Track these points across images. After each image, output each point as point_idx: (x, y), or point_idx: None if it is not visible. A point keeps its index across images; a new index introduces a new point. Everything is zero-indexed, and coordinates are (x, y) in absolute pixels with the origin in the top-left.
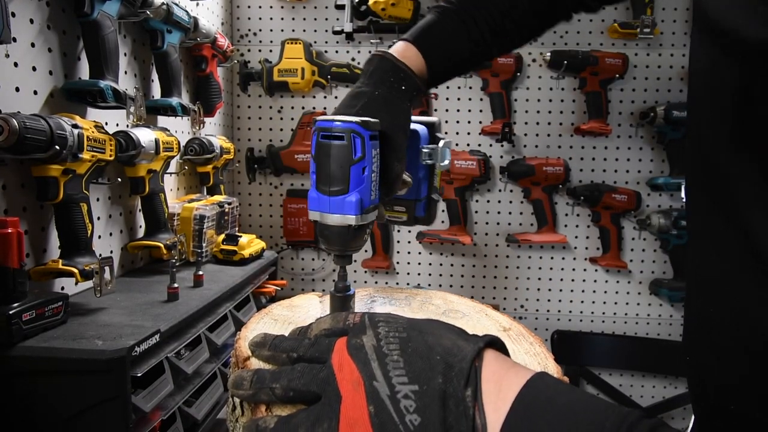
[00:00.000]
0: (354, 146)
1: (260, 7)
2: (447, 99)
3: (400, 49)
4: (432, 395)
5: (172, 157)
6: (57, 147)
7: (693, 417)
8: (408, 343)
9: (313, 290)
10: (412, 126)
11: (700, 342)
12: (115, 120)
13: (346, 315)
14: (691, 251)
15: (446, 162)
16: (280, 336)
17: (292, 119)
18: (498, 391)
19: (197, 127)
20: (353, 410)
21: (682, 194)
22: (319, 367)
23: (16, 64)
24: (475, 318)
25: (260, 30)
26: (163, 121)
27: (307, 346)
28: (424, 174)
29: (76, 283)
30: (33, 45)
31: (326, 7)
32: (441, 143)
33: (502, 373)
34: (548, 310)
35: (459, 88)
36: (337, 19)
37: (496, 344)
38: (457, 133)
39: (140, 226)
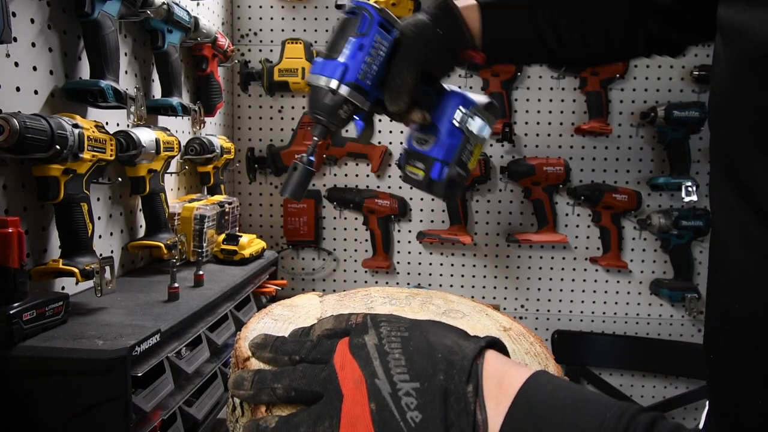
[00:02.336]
0: (361, 22)
1: (261, 7)
2: None
3: (465, 2)
4: (433, 392)
5: (173, 156)
6: (58, 147)
7: (704, 415)
8: (410, 342)
9: (314, 290)
10: (463, 91)
11: (723, 340)
12: (115, 120)
13: (348, 315)
14: (718, 248)
15: (479, 131)
16: (281, 337)
17: (293, 119)
18: (499, 387)
19: (198, 127)
20: (355, 408)
21: (683, 194)
22: (321, 366)
23: (16, 64)
24: (475, 318)
25: (261, 30)
26: (163, 120)
27: (309, 348)
28: (450, 133)
29: (77, 283)
30: (33, 45)
31: (326, 7)
32: (476, 116)
33: (504, 371)
34: (548, 310)
35: (459, 88)
36: (338, 19)
37: (497, 346)
38: None
39: (141, 226)
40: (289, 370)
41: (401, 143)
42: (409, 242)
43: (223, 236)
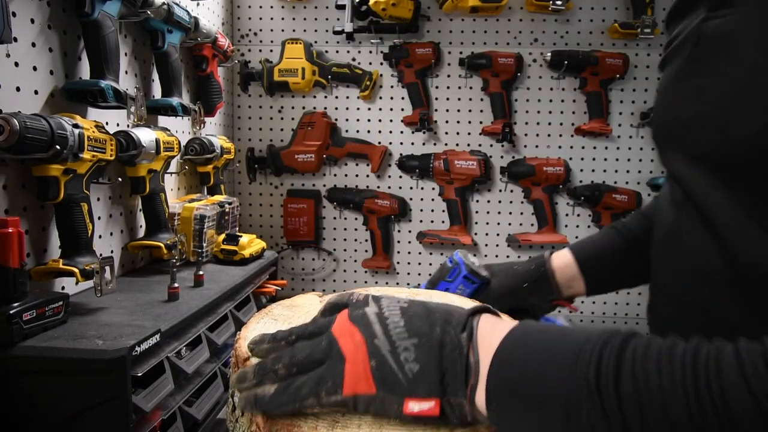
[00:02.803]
0: (452, 271)
1: (261, 7)
2: (447, 99)
3: (560, 254)
4: (430, 344)
5: (173, 156)
6: (58, 147)
7: None
8: (409, 309)
9: (313, 290)
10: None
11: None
12: (115, 120)
13: (351, 293)
14: (664, 255)
15: None
16: (279, 330)
17: (293, 119)
18: (492, 334)
19: (198, 127)
20: (356, 366)
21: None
22: (320, 338)
23: (17, 64)
24: None
25: (261, 30)
26: (163, 120)
27: (305, 326)
28: None
29: (77, 283)
30: (34, 45)
31: (327, 7)
32: None
33: (496, 324)
34: None
35: (459, 88)
36: (338, 19)
37: (494, 313)
38: (458, 133)
39: (141, 226)
40: (287, 350)
41: (401, 143)
42: (409, 242)
43: (223, 236)
